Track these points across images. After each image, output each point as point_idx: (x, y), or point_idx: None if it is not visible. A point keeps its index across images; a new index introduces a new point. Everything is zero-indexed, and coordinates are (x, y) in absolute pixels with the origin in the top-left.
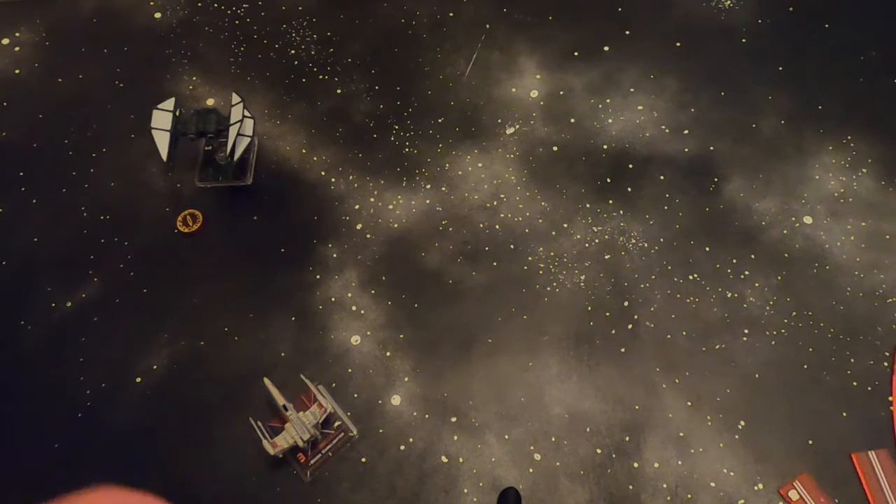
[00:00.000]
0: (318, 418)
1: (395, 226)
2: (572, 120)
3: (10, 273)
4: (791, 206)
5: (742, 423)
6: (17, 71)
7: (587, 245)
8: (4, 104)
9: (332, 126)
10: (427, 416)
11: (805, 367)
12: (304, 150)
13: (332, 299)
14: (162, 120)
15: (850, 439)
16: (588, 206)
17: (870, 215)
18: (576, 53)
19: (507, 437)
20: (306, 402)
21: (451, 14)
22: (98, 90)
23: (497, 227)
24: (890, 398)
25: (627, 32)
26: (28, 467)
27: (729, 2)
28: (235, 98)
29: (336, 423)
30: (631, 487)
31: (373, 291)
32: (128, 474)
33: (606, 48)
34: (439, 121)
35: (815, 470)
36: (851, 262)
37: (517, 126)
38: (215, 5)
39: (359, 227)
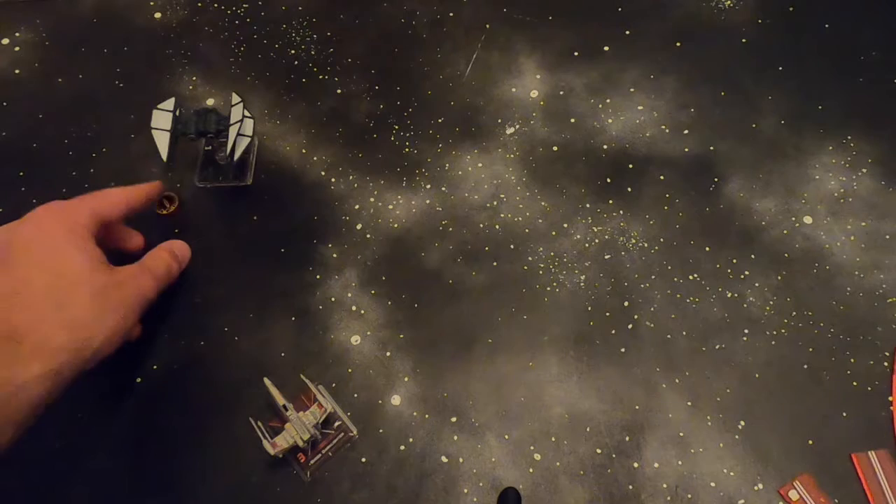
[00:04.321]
0: (318, 418)
1: (395, 226)
2: (572, 120)
3: None
4: (791, 206)
5: (742, 423)
6: (17, 71)
7: (587, 245)
8: (4, 104)
9: (332, 126)
10: (427, 416)
11: (805, 367)
12: (304, 150)
13: (332, 299)
14: (162, 120)
15: (850, 439)
16: (588, 206)
17: (870, 215)
18: (576, 53)
19: (507, 437)
20: (306, 402)
21: (451, 14)
22: (98, 90)
23: (497, 227)
24: (890, 398)
25: (627, 32)
26: (28, 467)
27: (729, 2)
28: (235, 98)
29: (336, 423)
30: (631, 487)
31: (373, 291)
32: (128, 475)
33: (606, 48)
34: (439, 121)
35: (815, 470)
36: (851, 262)
37: (517, 126)
38: (215, 5)
39: (359, 227)
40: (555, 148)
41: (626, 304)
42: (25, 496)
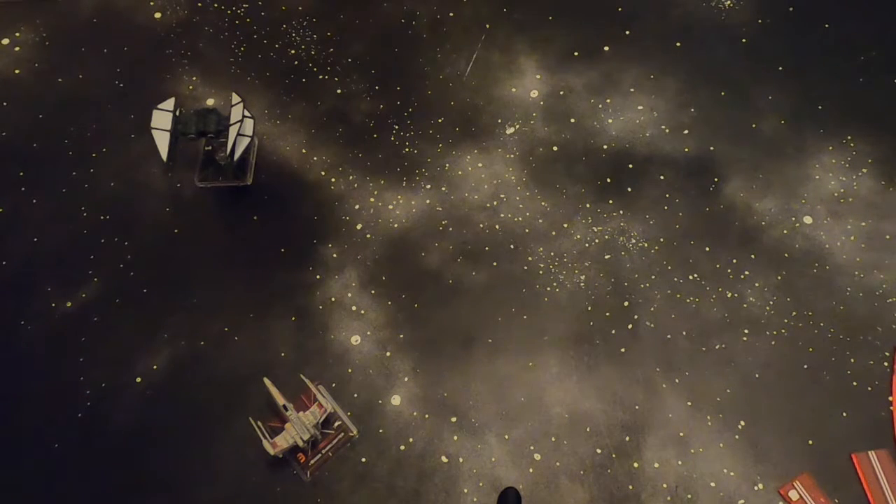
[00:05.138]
0: (318, 418)
1: (395, 226)
2: (572, 120)
3: (10, 273)
4: (791, 206)
5: (742, 423)
6: (17, 71)
7: (587, 245)
8: (4, 104)
9: (332, 126)
10: (427, 416)
11: (805, 367)
12: (304, 150)
13: (332, 299)
14: (162, 120)
15: (850, 439)
16: (588, 206)
17: (870, 215)
18: (576, 53)
19: (507, 437)
20: (306, 402)
21: (451, 14)
22: (98, 90)
23: (497, 227)
24: (890, 398)
25: (627, 32)
26: (29, 467)
27: (729, 2)
28: (235, 98)
29: (336, 423)
30: (631, 487)
31: (373, 291)
32: (128, 474)
33: (606, 48)
34: (439, 121)
35: (815, 470)
36: (851, 262)
37: (517, 126)
38: (215, 5)
39: (359, 227)
40: (555, 148)
41: (626, 304)
42: (26, 496)
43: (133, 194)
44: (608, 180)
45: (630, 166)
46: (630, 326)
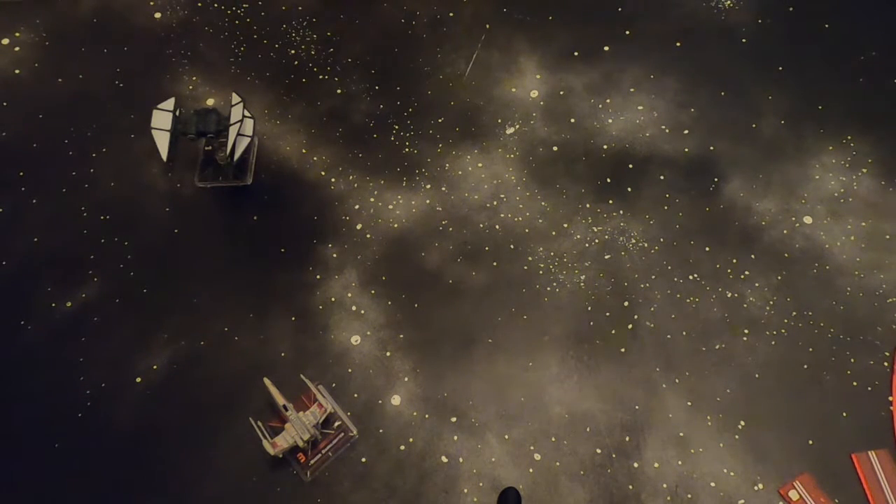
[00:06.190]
0: (318, 418)
1: (395, 226)
2: (572, 120)
3: (10, 273)
4: (791, 206)
5: (742, 423)
6: (17, 71)
7: (587, 245)
8: (4, 104)
9: (332, 126)
10: (427, 416)
11: (805, 367)
12: (304, 150)
13: (332, 299)
14: (162, 120)
15: (850, 439)
16: (588, 206)
17: (870, 215)
18: (576, 53)
19: (507, 437)
20: (306, 402)
21: (451, 14)
22: (98, 90)
23: (497, 227)
24: (890, 398)
25: (627, 32)
26: (29, 467)
27: (729, 2)
28: (235, 98)
29: (336, 423)
30: (631, 487)
31: (373, 291)
32: (128, 474)
33: (606, 48)
34: (439, 121)
35: (815, 470)
36: (851, 262)
37: (517, 126)
38: (215, 5)
39: (359, 227)
40: (555, 148)
41: (626, 304)
42: (26, 496)
43: (133, 194)
44: (608, 180)
45: (630, 166)
46: (630, 326)
